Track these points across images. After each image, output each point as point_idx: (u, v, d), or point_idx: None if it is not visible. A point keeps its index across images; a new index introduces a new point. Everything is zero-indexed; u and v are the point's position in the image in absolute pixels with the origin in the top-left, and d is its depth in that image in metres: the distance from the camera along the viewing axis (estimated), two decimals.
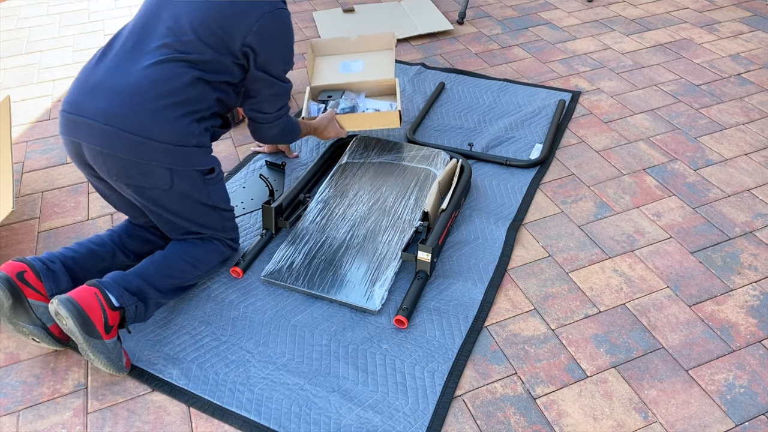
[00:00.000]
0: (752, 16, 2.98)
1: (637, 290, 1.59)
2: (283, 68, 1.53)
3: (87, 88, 1.36)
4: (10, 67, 2.72)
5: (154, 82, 1.34)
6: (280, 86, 1.54)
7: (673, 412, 1.32)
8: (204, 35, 1.39)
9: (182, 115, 1.37)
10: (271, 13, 1.43)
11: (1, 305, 1.31)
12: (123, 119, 1.32)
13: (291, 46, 1.52)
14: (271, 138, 1.66)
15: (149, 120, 1.33)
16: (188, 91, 1.38)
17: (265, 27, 1.42)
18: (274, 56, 1.47)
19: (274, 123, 1.61)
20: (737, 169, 2.00)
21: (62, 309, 1.25)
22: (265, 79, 1.50)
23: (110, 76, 1.35)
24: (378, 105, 2.01)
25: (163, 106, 1.34)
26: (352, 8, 3.12)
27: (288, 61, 1.53)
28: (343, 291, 1.56)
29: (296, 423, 1.30)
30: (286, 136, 1.68)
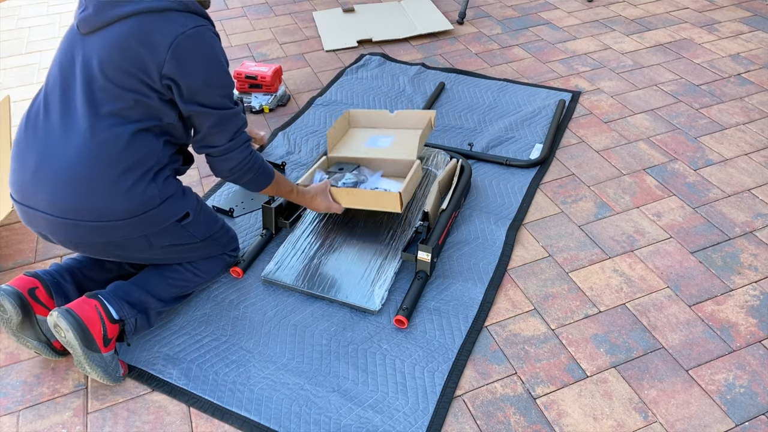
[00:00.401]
0: (752, 16, 2.98)
1: (637, 290, 1.59)
2: (217, 93, 1.29)
3: (28, 173, 1.25)
4: (10, 67, 2.73)
5: (92, 158, 1.22)
6: (220, 115, 1.30)
7: (673, 412, 1.32)
8: (118, 79, 1.21)
9: (135, 182, 1.25)
10: (184, 35, 1.21)
11: (10, 320, 1.31)
12: (77, 211, 1.23)
13: (219, 67, 1.28)
14: (231, 173, 1.38)
15: (103, 203, 1.23)
16: (130, 152, 1.24)
17: (180, 52, 1.21)
18: (199, 83, 1.25)
19: (228, 156, 1.35)
20: (737, 169, 2.00)
21: (62, 321, 1.24)
22: (199, 112, 1.28)
23: (46, 157, 1.23)
24: (391, 186, 1.77)
25: (112, 182, 1.23)
26: (352, 8, 3.12)
27: (221, 85, 1.29)
28: (343, 291, 1.56)
29: (296, 423, 1.30)
30: (245, 174, 1.40)
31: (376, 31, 2.90)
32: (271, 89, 2.35)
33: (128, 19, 1.20)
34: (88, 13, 1.21)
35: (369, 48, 2.80)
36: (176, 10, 1.22)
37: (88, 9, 1.22)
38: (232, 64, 2.68)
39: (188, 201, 1.39)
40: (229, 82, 1.31)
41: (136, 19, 1.20)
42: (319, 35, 2.93)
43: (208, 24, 1.28)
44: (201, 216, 1.44)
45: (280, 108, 2.39)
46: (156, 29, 1.20)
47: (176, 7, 1.22)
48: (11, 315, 1.29)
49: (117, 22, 1.20)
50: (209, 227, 1.48)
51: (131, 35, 1.20)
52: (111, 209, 1.24)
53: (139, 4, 1.20)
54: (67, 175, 1.22)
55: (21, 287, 1.33)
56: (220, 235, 1.53)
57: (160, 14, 1.21)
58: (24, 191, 1.26)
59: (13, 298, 1.29)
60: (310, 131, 2.23)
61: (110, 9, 1.20)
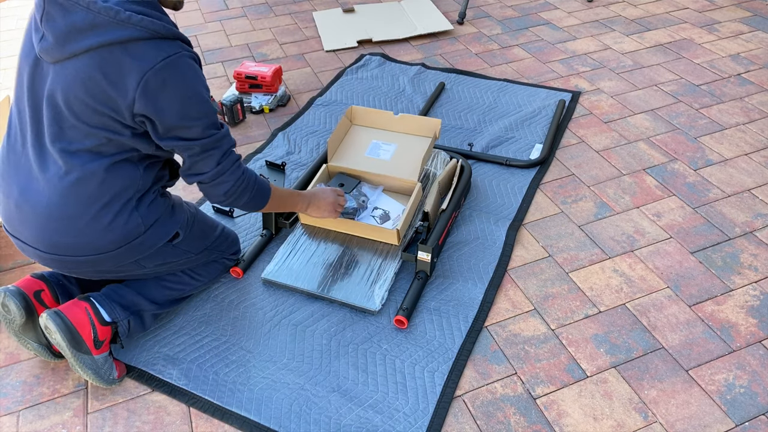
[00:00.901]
0: (752, 16, 2.98)
1: (637, 290, 1.59)
2: (196, 125, 1.18)
3: (12, 205, 1.22)
4: (10, 67, 2.72)
5: (68, 197, 1.18)
6: (203, 144, 1.20)
7: (673, 412, 1.32)
8: (86, 117, 1.13)
9: (116, 215, 1.21)
10: (153, 70, 1.10)
11: (13, 321, 1.30)
12: (62, 248, 1.21)
13: (195, 98, 1.17)
14: (226, 197, 1.29)
15: (86, 239, 1.21)
16: (107, 187, 1.19)
17: (150, 89, 1.10)
18: (175, 119, 1.15)
19: (220, 179, 1.25)
20: (737, 169, 2.00)
21: (51, 323, 1.24)
22: (180, 145, 1.19)
23: (26, 191, 1.20)
24: (391, 206, 1.77)
25: (91, 218, 1.19)
26: (352, 8, 3.12)
27: (199, 116, 1.18)
28: (343, 291, 1.56)
29: (296, 423, 1.30)
30: (242, 195, 1.30)
31: (376, 31, 2.90)
32: (271, 89, 2.35)
33: (92, 52, 1.09)
34: (48, 44, 1.10)
35: (369, 48, 2.80)
36: (143, 39, 1.10)
37: (47, 39, 1.10)
38: (232, 64, 2.68)
39: (177, 220, 1.34)
40: (208, 111, 1.20)
41: (99, 52, 1.08)
42: (319, 35, 2.93)
43: (181, 49, 1.14)
44: (194, 230, 1.41)
45: (280, 108, 2.39)
46: (122, 65, 1.09)
47: (141, 35, 1.09)
48: (15, 316, 1.29)
49: (81, 54, 1.09)
50: (205, 239, 1.46)
51: (97, 71, 1.09)
52: (95, 244, 1.22)
53: (101, 36, 1.07)
54: (46, 213, 1.19)
55: (27, 289, 1.32)
56: (219, 242, 1.52)
57: (125, 46, 1.09)
58: (12, 223, 1.25)
59: (19, 299, 1.29)
60: (310, 131, 2.23)
61: (71, 41, 1.08)
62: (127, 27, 1.08)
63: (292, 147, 2.15)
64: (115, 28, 1.08)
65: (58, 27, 1.08)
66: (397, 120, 1.94)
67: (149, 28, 1.10)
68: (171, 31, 1.13)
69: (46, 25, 1.09)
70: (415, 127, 1.93)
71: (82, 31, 1.08)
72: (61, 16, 1.08)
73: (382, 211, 1.76)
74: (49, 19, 1.09)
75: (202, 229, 1.44)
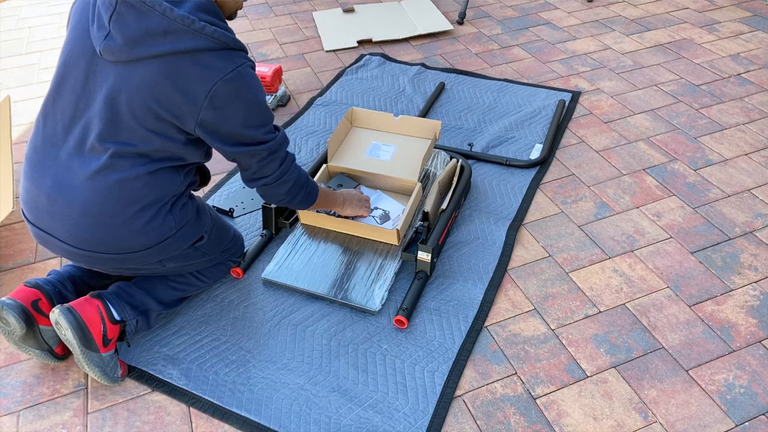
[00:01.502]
0: (752, 16, 2.98)
1: (637, 290, 1.59)
2: (258, 132, 1.23)
3: (43, 196, 1.21)
4: (10, 67, 2.72)
5: (109, 195, 1.18)
6: (267, 147, 1.25)
7: (673, 412, 1.32)
8: (147, 122, 1.15)
9: (153, 217, 1.23)
10: (223, 80, 1.13)
11: (13, 333, 1.30)
12: (93, 244, 1.22)
13: (257, 105, 1.21)
14: (288, 195, 1.35)
15: (119, 238, 1.22)
16: (149, 190, 1.21)
17: (219, 100, 1.14)
18: (238, 127, 1.20)
19: (282, 180, 1.32)
20: (737, 169, 2.00)
21: (62, 319, 1.25)
22: (244, 152, 1.23)
23: (62, 185, 1.19)
24: (390, 206, 1.77)
25: (129, 218, 1.20)
26: (352, 8, 3.12)
27: (261, 123, 1.24)
28: (343, 291, 1.56)
29: (296, 423, 1.30)
30: (299, 192, 1.37)
31: (376, 31, 2.90)
32: (271, 89, 2.35)
33: (161, 58, 1.10)
34: (115, 44, 1.10)
35: (369, 48, 2.80)
36: (213, 50, 1.13)
37: (114, 38, 1.10)
38: None
39: (202, 223, 1.37)
40: (268, 117, 1.25)
41: (170, 59, 1.11)
42: (319, 35, 2.93)
43: (245, 60, 1.19)
44: (214, 233, 1.44)
45: (280, 108, 2.39)
46: (193, 74, 1.11)
47: (212, 46, 1.12)
48: (15, 328, 1.29)
49: (149, 59, 1.11)
50: (221, 243, 1.48)
51: (166, 78, 1.11)
52: (127, 244, 1.23)
53: (174, 44, 1.09)
54: (83, 208, 1.19)
55: (24, 300, 1.31)
56: (231, 245, 1.53)
57: (195, 55, 1.11)
58: (39, 215, 1.24)
59: (17, 312, 1.28)
60: (310, 131, 2.23)
61: (142, 45, 1.09)
62: (200, 37, 1.11)
63: (292, 147, 2.15)
64: (188, 37, 1.10)
65: (130, 29, 1.09)
66: (397, 122, 1.94)
67: (220, 39, 1.13)
68: (237, 43, 1.18)
69: (116, 25, 1.09)
70: (416, 128, 1.93)
71: (154, 37, 1.09)
72: (134, 19, 1.09)
73: (382, 211, 1.76)
74: (119, 20, 1.09)
75: (220, 232, 1.47)
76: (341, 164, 1.85)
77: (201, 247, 1.40)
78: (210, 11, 1.16)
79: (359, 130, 1.98)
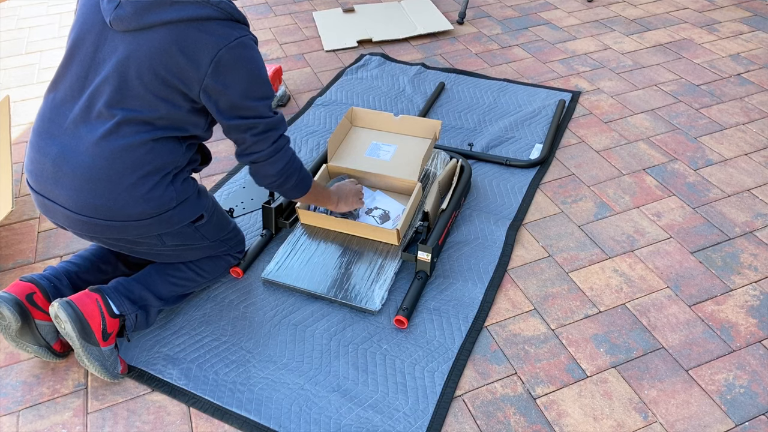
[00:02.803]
0: (752, 16, 2.98)
1: (637, 290, 1.59)
2: (257, 105, 1.27)
3: (48, 163, 1.24)
4: (10, 67, 2.73)
5: (113, 161, 1.21)
6: (264, 124, 1.28)
7: (673, 412, 1.32)
8: (154, 87, 1.19)
9: (155, 185, 1.25)
10: (227, 47, 1.18)
11: (9, 327, 1.30)
12: (95, 209, 1.23)
13: (259, 77, 1.26)
14: (278, 176, 1.35)
15: (121, 205, 1.23)
16: (152, 157, 1.24)
17: (222, 66, 1.19)
18: (238, 96, 1.23)
19: (274, 158, 1.32)
20: (737, 169, 2.00)
21: (62, 312, 1.25)
22: (241, 125, 1.26)
23: (68, 150, 1.22)
24: (390, 206, 1.77)
25: (131, 185, 1.23)
26: (352, 8, 3.12)
27: (261, 96, 1.27)
28: (343, 291, 1.56)
29: (296, 423, 1.30)
30: (291, 177, 1.37)
31: (376, 31, 2.90)
32: None
33: (169, 26, 1.16)
34: (125, 12, 1.16)
35: (369, 48, 2.80)
36: (218, 19, 1.19)
37: (124, 8, 1.16)
38: None
39: (203, 203, 1.39)
40: (268, 92, 1.29)
41: (178, 26, 1.16)
42: (319, 35, 2.93)
43: (248, 32, 1.24)
44: (214, 217, 1.45)
45: (280, 108, 2.39)
46: (199, 40, 1.17)
47: (218, 15, 1.18)
48: (10, 322, 1.29)
49: (157, 27, 1.16)
50: (221, 230, 1.49)
51: (174, 44, 1.16)
52: (128, 211, 1.25)
53: (181, 11, 1.15)
54: (87, 174, 1.21)
55: (19, 293, 1.32)
56: (230, 236, 1.53)
57: (202, 23, 1.17)
58: (43, 182, 1.26)
59: (12, 305, 1.29)
60: (310, 131, 2.23)
61: (151, 13, 1.15)
62: (206, 6, 1.17)
63: (292, 147, 2.15)
64: (195, 6, 1.16)
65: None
66: (397, 122, 1.94)
67: (225, 9, 1.20)
68: (241, 16, 1.24)
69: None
70: (415, 128, 1.93)
71: (162, 5, 1.15)
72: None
73: (382, 211, 1.76)
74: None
75: (220, 219, 1.48)
76: (341, 164, 1.85)
77: (201, 227, 1.41)
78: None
79: (359, 130, 1.98)
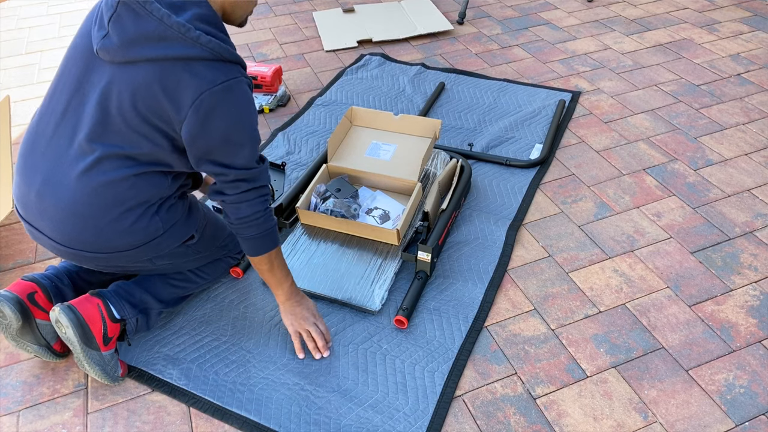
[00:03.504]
0: (752, 16, 2.98)
1: (637, 290, 1.59)
2: (237, 152, 1.19)
3: (32, 193, 1.21)
4: (10, 67, 2.73)
5: (94, 196, 1.17)
6: (235, 174, 1.21)
7: (673, 412, 1.32)
8: (136, 125, 1.15)
9: (138, 218, 1.22)
10: (210, 91, 1.11)
11: (9, 326, 1.30)
12: (80, 242, 1.22)
13: (243, 125, 1.18)
14: (237, 222, 1.26)
15: (106, 238, 1.21)
16: (135, 192, 1.20)
17: (203, 109, 1.12)
18: (217, 141, 1.16)
19: (238, 205, 1.25)
20: (737, 169, 2.00)
21: (63, 317, 1.25)
22: (215, 171, 1.20)
23: (50, 182, 1.19)
24: (391, 206, 1.76)
25: (114, 219, 1.20)
26: (352, 8, 3.12)
27: (241, 143, 1.19)
28: (343, 291, 1.56)
29: (296, 423, 1.30)
30: (253, 228, 1.27)
31: (376, 31, 2.90)
32: (271, 89, 2.35)
33: (154, 62, 1.10)
34: (112, 43, 1.11)
35: (369, 48, 2.80)
36: (206, 60, 1.12)
37: (111, 38, 1.11)
38: None
39: (193, 223, 1.36)
40: (251, 139, 1.20)
41: (163, 64, 1.10)
42: (319, 35, 2.94)
43: (240, 74, 1.17)
44: (207, 230, 1.43)
45: (280, 108, 2.39)
46: (182, 80, 1.10)
47: (206, 56, 1.11)
48: (11, 320, 1.29)
49: (142, 62, 1.11)
50: (215, 240, 1.47)
51: (156, 82, 1.11)
52: (113, 243, 1.23)
53: (167, 49, 1.09)
54: (70, 208, 1.19)
55: (20, 292, 1.32)
56: (227, 242, 1.52)
57: (188, 63, 1.11)
58: (29, 211, 1.24)
59: (13, 303, 1.29)
60: (310, 131, 2.23)
61: (137, 47, 1.10)
62: (194, 46, 1.10)
63: (292, 147, 2.15)
64: (183, 44, 1.10)
65: (127, 31, 1.09)
66: (397, 121, 1.94)
67: (215, 50, 1.12)
68: (234, 56, 1.16)
69: (114, 26, 1.10)
70: (415, 127, 1.93)
71: (149, 40, 1.09)
72: (132, 21, 1.09)
73: (382, 211, 1.76)
74: (118, 21, 1.10)
75: (213, 230, 1.46)
76: (341, 164, 1.85)
77: (193, 245, 1.39)
78: (210, 22, 1.15)
79: (359, 130, 1.98)
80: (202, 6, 1.15)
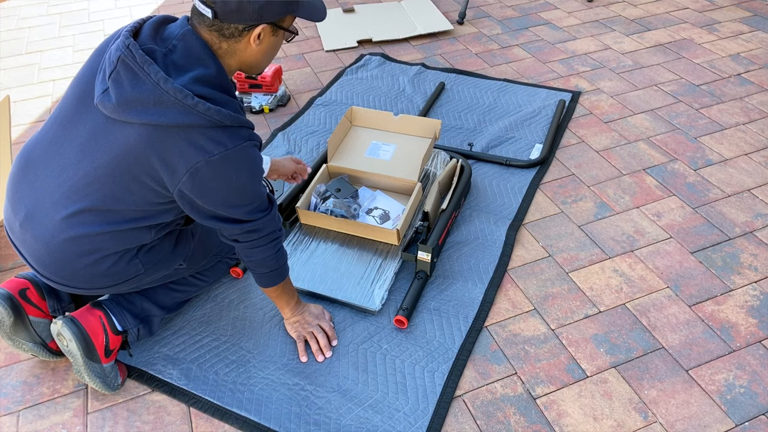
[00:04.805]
0: (752, 16, 2.98)
1: (637, 290, 1.59)
2: (238, 211, 1.18)
3: (17, 222, 1.20)
4: (10, 67, 2.72)
5: (71, 244, 1.15)
6: (243, 227, 1.20)
7: (673, 412, 1.32)
8: (125, 183, 1.11)
9: (116, 262, 1.20)
10: (206, 162, 1.08)
11: (2, 322, 1.29)
12: (59, 277, 1.21)
13: (243, 191, 1.16)
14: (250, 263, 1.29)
15: (83, 280, 1.21)
16: (113, 243, 1.18)
17: (199, 177, 1.09)
18: (217, 204, 1.15)
19: (250, 251, 1.26)
20: (737, 169, 2.00)
21: (66, 331, 1.24)
22: (222, 227, 1.20)
23: (30, 220, 1.17)
24: (391, 206, 1.76)
25: (91, 264, 1.18)
26: (352, 8, 3.12)
27: (243, 203, 1.17)
28: (343, 291, 1.56)
29: (296, 423, 1.30)
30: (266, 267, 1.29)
31: (376, 31, 2.90)
32: (271, 89, 2.35)
33: (150, 126, 1.06)
34: (110, 101, 1.07)
35: (369, 48, 2.80)
36: (203, 127, 1.07)
37: (110, 95, 1.07)
38: None
39: (179, 254, 1.34)
40: (253, 198, 1.18)
41: (158, 129, 1.06)
42: (319, 35, 2.93)
43: (241, 139, 1.11)
44: (198, 252, 1.41)
45: (280, 108, 2.39)
46: (176, 148, 1.07)
47: (203, 123, 1.07)
48: (3, 317, 1.28)
49: (138, 125, 1.07)
50: (207, 253, 1.45)
51: (150, 147, 1.07)
52: (90, 283, 1.23)
53: (162, 116, 1.05)
54: (47, 249, 1.17)
55: (11, 289, 1.32)
56: (220, 249, 1.51)
57: (185, 131, 1.06)
58: (14, 236, 1.24)
59: (4, 300, 1.28)
60: (310, 131, 2.23)
61: (132, 109, 1.06)
62: (191, 113, 1.05)
63: (292, 147, 2.15)
64: (179, 111, 1.05)
65: (124, 92, 1.06)
66: (397, 121, 1.94)
67: (213, 118, 1.07)
68: (235, 119, 1.10)
69: (113, 84, 1.07)
70: (415, 127, 1.93)
71: (145, 105, 1.05)
72: (129, 83, 1.06)
73: (382, 211, 1.76)
74: (117, 80, 1.07)
75: (203, 247, 1.43)
76: (341, 164, 1.85)
77: (181, 270, 1.39)
78: (212, 83, 1.10)
79: (359, 130, 1.98)
80: (207, 65, 1.10)
